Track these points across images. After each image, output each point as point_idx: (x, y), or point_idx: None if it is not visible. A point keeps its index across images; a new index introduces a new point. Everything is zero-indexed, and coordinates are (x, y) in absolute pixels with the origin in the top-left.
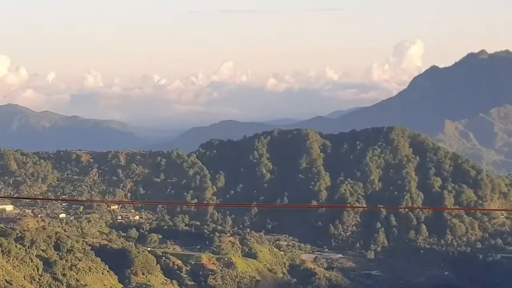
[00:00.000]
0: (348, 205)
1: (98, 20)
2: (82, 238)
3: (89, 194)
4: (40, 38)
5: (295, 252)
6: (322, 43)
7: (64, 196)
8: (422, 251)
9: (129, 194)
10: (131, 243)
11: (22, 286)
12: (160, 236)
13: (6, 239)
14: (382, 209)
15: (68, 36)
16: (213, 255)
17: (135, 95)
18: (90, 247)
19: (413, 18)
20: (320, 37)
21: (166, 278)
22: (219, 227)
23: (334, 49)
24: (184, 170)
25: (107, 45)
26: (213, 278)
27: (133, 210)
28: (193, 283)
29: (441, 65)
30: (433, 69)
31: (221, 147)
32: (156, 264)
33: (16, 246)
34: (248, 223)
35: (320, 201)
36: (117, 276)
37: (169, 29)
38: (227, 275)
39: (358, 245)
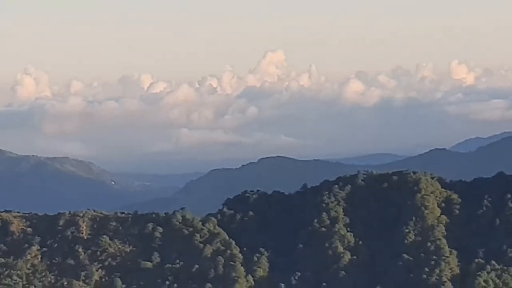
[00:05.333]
0: None
1: None
2: None
3: None
4: None
5: None
6: (439, 16)
7: None
8: None
9: None
10: None
11: None
12: None
13: None
14: None
15: None
16: None
17: (108, 113)
18: None
19: None
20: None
21: None
22: None
23: (464, 27)
24: (197, 247)
25: (58, 27)
26: None
27: None
28: None
29: None
30: None
31: (262, 206)
32: None
33: None
34: None
35: None
36: None
37: None
38: None
39: None
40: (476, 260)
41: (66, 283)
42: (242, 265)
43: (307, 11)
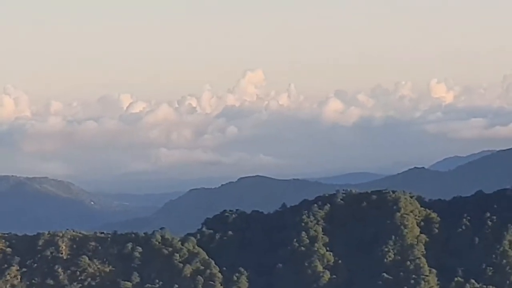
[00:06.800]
0: None
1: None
2: None
3: None
4: None
5: None
6: (418, 35)
7: None
8: None
9: None
10: None
11: None
12: None
13: None
14: None
15: None
16: None
17: (87, 133)
18: None
19: None
20: (413, 24)
21: None
22: None
23: (443, 46)
24: (176, 267)
25: (37, 47)
26: None
27: None
28: None
29: None
30: None
31: (241, 225)
32: None
33: None
34: None
35: None
36: None
37: (147, 14)
38: None
39: None
40: (456, 279)
41: None
42: (221, 285)
43: (285, 30)
